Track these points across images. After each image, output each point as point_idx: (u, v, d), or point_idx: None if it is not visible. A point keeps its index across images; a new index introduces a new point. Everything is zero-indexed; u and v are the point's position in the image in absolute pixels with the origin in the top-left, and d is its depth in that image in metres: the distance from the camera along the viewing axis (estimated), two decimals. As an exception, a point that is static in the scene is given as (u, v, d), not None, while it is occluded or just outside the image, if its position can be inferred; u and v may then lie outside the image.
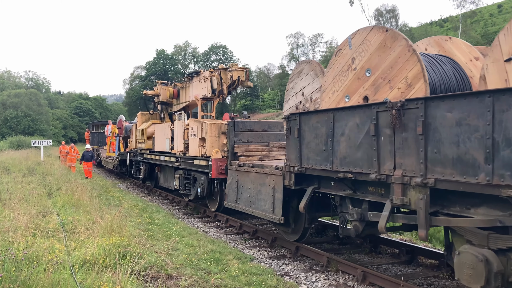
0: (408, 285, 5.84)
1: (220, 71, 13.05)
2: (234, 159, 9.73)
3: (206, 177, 11.32)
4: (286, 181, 7.37)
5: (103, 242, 6.85)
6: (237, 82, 12.95)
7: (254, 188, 8.46)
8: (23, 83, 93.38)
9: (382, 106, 5.29)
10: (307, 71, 7.82)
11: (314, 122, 6.59)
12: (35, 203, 10.83)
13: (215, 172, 10.56)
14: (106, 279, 5.44)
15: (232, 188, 9.32)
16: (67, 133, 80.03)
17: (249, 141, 10.17)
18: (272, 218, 7.77)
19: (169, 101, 16.88)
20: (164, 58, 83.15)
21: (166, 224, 10.68)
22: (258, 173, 8.31)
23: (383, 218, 5.36)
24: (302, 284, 6.55)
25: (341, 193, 6.39)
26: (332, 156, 6.16)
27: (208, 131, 11.18)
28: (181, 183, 12.96)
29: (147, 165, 17.22)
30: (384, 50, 5.80)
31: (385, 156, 5.27)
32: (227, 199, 9.48)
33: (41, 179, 16.68)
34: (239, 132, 10.09)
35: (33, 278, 5.09)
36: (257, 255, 8.21)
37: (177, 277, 6.33)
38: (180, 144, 13.12)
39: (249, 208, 8.59)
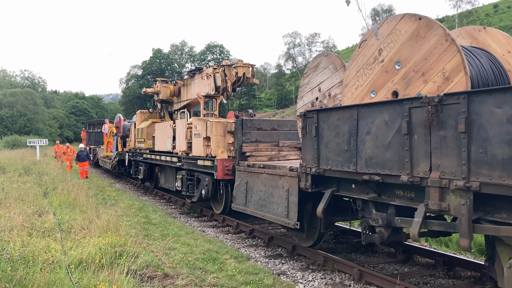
0: (404, 284, 5.86)
1: (224, 68, 12.50)
2: (242, 159, 9.23)
3: (211, 178, 10.90)
4: (302, 183, 6.86)
5: (100, 242, 6.83)
6: (243, 79, 12.34)
7: (265, 191, 7.94)
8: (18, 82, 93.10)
9: (416, 101, 4.83)
10: (325, 65, 7.31)
11: (335, 120, 6.11)
12: (31, 202, 10.82)
13: (221, 173, 10.08)
14: (103, 279, 5.43)
15: (240, 190, 8.83)
16: (63, 133, 79.81)
17: (258, 140, 9.65)
18: (286, 223, 7.22)
19: (169, 99, 16.45)
20: (160, 57, 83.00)
21: (163, 224, 10.67)
22: (270, 175, 7.82)
23: (416, 224, 4.87)
24: (298, 283, 6.56)
25: (363, 196, 5.92)
26: (356, 157, 5.68)
27: (214, 130, 10.66)
28: (184, 184, 12.50)
29: (146, 165, 16.78)
30: (417, 40, 5.31)
31: (419, 156, 4.81)
32: (235, 201, 8.99)
33: (37, 179, 16.69)
34: (247, 131, 9.56)
35: (29, 277, 5.07)
36: (254, 255, 8.22)
37: (174, 277, 6.33)
38: (182, 144, 12.62)
39: (259, 212, 8.07)
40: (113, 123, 23.59)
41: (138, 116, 18.14)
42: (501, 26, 66.83)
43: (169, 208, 13.89)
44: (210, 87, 13.11)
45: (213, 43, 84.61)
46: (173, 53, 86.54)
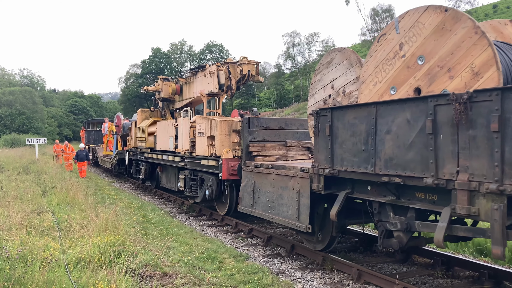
0: (403, 284, 5.86)
1: (228, 65, 12.20)
2: (249, 159, 8.91)
3: (215, 178, 10.63)
4: (314, 185, 6.57)
5: (98, 241, 6.83)
6: (247, 76, 12.07)
7: (274, 192, 7.64)
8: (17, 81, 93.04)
9: (442, 98, 4.53)
10: (339, 60, 6.98)
11: (351, 118, 5.81)
12: (29, 201, 10.82)
13: (226, 173, 9.76)
14: (101, 278, 5.43)
15: (247, 191, 8.53)
16: (62, 131, 79.77)
17: (265, 139, 9.32)
18: (297, 226, 6.95)
19: (171, 98, 16.15)
20: (160, 56, 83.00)
21: (162, 223, 10.66)
22: (280, 175, 7.51)
23: (440, 230, 4.58)
24: (297, 282, 6.57)
25: (380, 199, 5.63)
26: (374, 157, 5.38)
27: (218, 129, 10.34)
28: (187, 185, 12.13)
29: (147, 164, 16.47)
30: (443, 33, 4.99)
31: (445, 157, 4.51)
32: (241, 203, 8.71)
33: (36, 177, 16.70)
34: (254, 130, 9.22)
35: (28, 276, 5.08)
36: (253, 254, 8.23)
37: (173, 276, 6.34)
38: (185, 143, 12.32)
39: (268, 214, 7.77)
40: (113, 122, 23.36)
41: (139, 115, 17.81)
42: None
43: (168, 207, 13.89)
44: (213, 85, 12.83)
45: (213, 43, 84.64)
46: (173, 52, 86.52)
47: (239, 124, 10.20)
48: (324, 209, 7.06)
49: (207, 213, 11.93)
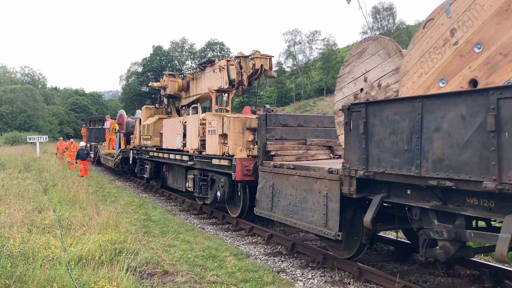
0: (404, 282, 5.86)
1: (240, 59, 11.64)
2: (267, 158, 8.29)
3: (227, 179, 10.09)
4: (345, 188, 5.97)
5: (99, 239, 6.84)
6: (260, 71, 11.48)
7: (296, 195, 7.03)
8: (18, 79, 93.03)
9: (508, 91, 3.95)
10: (374, 50, 6.37)
11: (391, 114, 5.21)
12: (31, 199, 10.84)
13: (240, 173, 9.24)
14: (102, 275, 5.44)
15: (265, 193, 7.94)
16: (63, 129, 79.73)
17: (283, 138, 8.67)
18: (325, 233, 6.34)
19: (177, 94, 15.64)
20: (161, 54, 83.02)
21: (163, 221, 10.68)
22: (303, 177, 6.89)
23: (504, 242, 4.01)
24: (298, 280, 6.57)
25: (423, 204, 5.07)
26: (420, 158, 4.79)
27: (231, 126, 9.78)
28: (196, 185, 11.56)
29: (153, 163, 15.96)
30: (507, 15, 4.34)
31: (510, 158, 3.96)
32: (258, 206, 8.12)
33: (37, 175, 16.72)
34: (271, 127, 8.58)
35: (29, 274, 5.08)
36: (254, 252, 8.23)
37: (174, 274, 6.34)
38: (194, 141, 11.77)
39: (289, 219, 7.19)
40: (115, 120, 22.96)
41: (143, 112, 17.29)
42: (502, 25, 66.77)
43: (169, 205, 13.90)
44: (223, 80, 12.33)
45: (214, 41, 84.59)
46: (174, 50, 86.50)
47: (253, 122, 9.77)
48: (353, 214, 6.50)
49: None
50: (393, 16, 64.42)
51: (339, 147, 8.44)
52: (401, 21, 65.62)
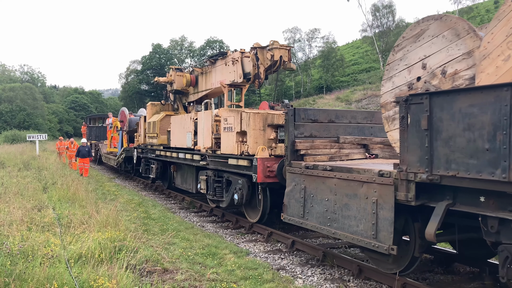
0: (403, 280, 5.86)
1: (256, 50, 10.70)
2: (296, 158, 7.36)
3: (246, 180, 9.27)
4: (401, 194, 5.11)
5: (99, 236, 6.85)
6: (279, 63, 10.54)
7: (335, 200, 6.16)
8: (18, 77, 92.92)
9: None
10: (436, 31, 5.50)
11: (465, 106, 4.40)
12: (30, 197, 10.83)
13: (262, 174, 8.47)
14: (102, 273, 5.44)
15: (294, 197, 7.10)
16: (63, 128, 79.67)
17: (313, 135, 7.76)
18: (374, 246, 5.46)
19: (184, 90, 14.87)
20: (160, 52, 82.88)
21: (162, 219, 10.69)
22: (345, 180, 6.01)
23: None
24: (298, 278, 6.58)
25: (503, 214, 4.27)
26: (509, 159, 3.95)
27: (251, 123, 8.87)
28: (210, 187, 10.66)
29: (159, 163, 15.13)
30: None
31: None
32: (286, 211, 7.30)
33: (37, 173, 16.71)
34: (300, 123, 7.64)
35: (29, 272, 5.09)
36: (253, 250, 8.23)
37: (173, 271, 6.34)
38: (207, 139, 10.89)
39: (326, 228, 6.35)
40: (117, 117, 22.43)
41: (148, 109, 16.46)
42: (502, 22, 66.63)
43: (168, 203, 13.90)
44: (236, 74, 11.51)
45: (213, 38, 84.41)
46: (173, 48, 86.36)
47: (276, 117, 9.05)
48: (404, 223, 5.76)
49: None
50: (393, 14, 64.28)
51: (375, 146, 7.84)
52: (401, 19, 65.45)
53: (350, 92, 52.41)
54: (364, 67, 71.70)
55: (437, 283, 6.35)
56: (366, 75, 63.44)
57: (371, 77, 59.78)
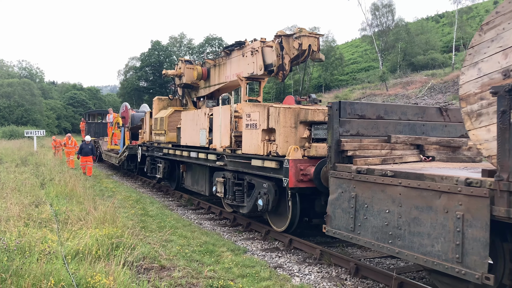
0: (401, 278, 5.86)
1: (281, 39, 9.66)
2: (341, 160, 6.28)
3: (272, 184, 8.27)
4: (500, 209, 4.13)
5: (96, 233, 6.84)
6: (308, 52, 9.42)
7: (400, 213, 5.14)
8: (16, 73, 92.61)
9: None
10: None
11: None
12: (27, 193, 10.81)
13: (294, 178, 7.50)
14: (99, 270, 5.42)
15: (341, 207, 6.04)
16: (61, 124, 79.58)
17: (360, 133, 6.62)
18: (459, 273, 4.45)
19: (194, 84, 13.83)
20: (159, 49, 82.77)
21: (160, 216, 10.68)
22: (413, 189, 4.99)
23: None
24: (295, 276, 6.58)
25: None
26: None
27: (281, 119, 7.83)
28: (229, 191, 9.59)
29: (167, 162, 14.09)
30: None
31: None
32: (331, 223, 6.24)
33: (34, 169, 16.67)
34: (346, 119, 6.47)
35: (26, 268, 5.09)
36: (251, 248, 8.23)
37: (170, 269, 6.35)
38: (225, 138, 9.86)
39: (387, 245, 5.29)
40: (119, 113, 21.71)
41: (155, 104, 15.36)
42: (501, 23, 66.67)
43: (166, 200, 13.89)
44: (256, 65, 10.48)
45: (212, 36, 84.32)
46: (172, 45, 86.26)
47: (309, 113, 8.04)
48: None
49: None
50: (392, 13, 64.19)
51: (430, 146, 6.83)
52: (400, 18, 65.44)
53: (349, 91, 52.44)
54: (363, 66, 71.72)
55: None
56: (365, 74, 63.46)
57: (370, 76, 59.84)
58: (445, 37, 68.98)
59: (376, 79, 55.21)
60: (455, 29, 55.53)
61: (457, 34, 55.71)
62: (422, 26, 65.64)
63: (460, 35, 56.58)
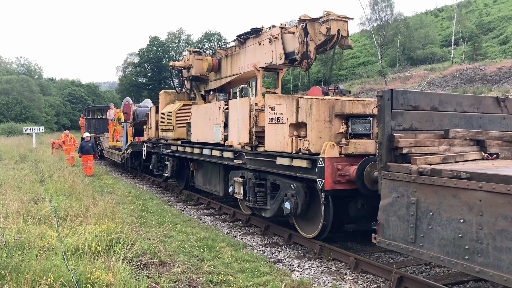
0: (400, 273, 5.86)
1: (305, 24, 8.68)
2: (393, 159, 5.41)
3: (302, 185, 7.32)
4: None
5: (96, 229, 6.86)
6: (336, 38, 8.48)
7: (480, 223, 4.29)
8: (14, 69, 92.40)
9: None
10: None
11: None
12: (27, 189, 10.83)
13: (330, 179, 6.57)
14: (99, 266, 5.43)
15: (397, 214, 5.15)
16: (60, 120, 79.52)
17: (413, 127, 5.69)
18: None
19: (203, 76, 13.01)
20: (157, 45, 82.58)
21: (159, 212, 10.68)
22: (500, 194, 4.15)
23: None
24: (295, 271, 6.58)
25: None
26: None
27: (314, 112, 6.89)
28: (250, 192, 8.61)
29: (175, 160, 13.21)
30: None
31: None
32: (383, 233, 5.35)
33: (33, 166, 16.66)
34: (398, 110, 5.57)
35: (25, 264, 5.09)
36: (250, 243, 8.23)
37: (170, 264, 6.35)
38: (243, 133, 8.96)
39: (463, 262, 4.42)
40: (120, 108, 20.91)
41: (161, 98, 14.47)
42: (500, 16, 66.62)
43: (165, 196, 13.89)
44: (275, 54, 9.62)
45: (211, 31, 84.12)
46: (170, 41, 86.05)
47: (347, 105, 7.14)
48: None
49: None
50: (391, 8, 64.06)
51: (492, 142, 5.99)
52: (399, 13, 65.37)
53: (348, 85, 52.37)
54: (362, 60, 71.58)
55: (434, 276, 6.37)
56: (364, 69, 63.35)
57: (369, 71, 59.74)
58: (444, 31, 68.87)
59: (375, 74, 55.13)
60: (454, 23, 55.42)
61: (456, 28, 55.61)
62: (421, 20, 65.52)
63: (459, 29, 56.47)
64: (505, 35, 58.55)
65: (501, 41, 57.97)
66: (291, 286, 5.81)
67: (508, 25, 61.11)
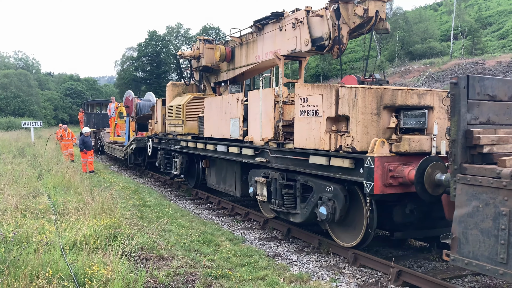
0: (399, 267, 5.87)
1: (338, 5, 7.63)
2: (470, 159, 4.56)
3: (341, 188, 6.41)
4: None
5: (94, 223, 6.84)
6: (374, 20, 7.48)
7: None
8: (12, 64, 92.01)
9: None
10: None
11: None
12: (25, 184, 10.82)
13: (380, 182, 5.68)
14: (97, 260, 5.44)
15: (480, 227, 4.24)
16: (58, 115, 79.32)
17: (491, 121, 4.91)
18: None
19: (215, 66, 12.14)
20: (156, 39, 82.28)
21: (158, 206, 10.66)
22: None
23: None
24: (293, 265, 6.59)
25: None
26: None
27: (359, 103, 5.98)
28: (275, 194, 7.66)
29: (185, 156, 12.28)
30: None
31: None
32: (460, 249, 4.42)
33: (32, 161, 16.62)
34: (475, 101, 4.74)
35: (23, 258, 5.08)
36: (249, 237, 8.24)
37: (169, 258, 6.35)
38: (267, 128, 8.09)
39: None
40: (122, 102, 20.41)
41: (169, 90, 13.56)
42: (499, 11, 66.46)
43: (164, 190, 13.88)
44: (300, 40, 8.60)
45: (209, 26, 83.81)
46: (169, 35, 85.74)
47: (399, 96, 6.19)
48: None
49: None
50: (390, 2, 63.93)
51: None
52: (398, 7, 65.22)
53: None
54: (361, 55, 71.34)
55: (432, 270, 6.39)
56: (363, 63, 63.21)
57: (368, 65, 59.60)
58: (443, 25, 68.70)
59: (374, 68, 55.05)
60: (453, 17, 55.29)
61: (455, 23, 55.47)
62: (420, 14, 65.34)
63: (458, 24, 56.35)
64: (504, 29, 58.45)
65: (500, 35, 57.88)
66: (290, 280, 5.82)
67: (507, 20, 60.97)
